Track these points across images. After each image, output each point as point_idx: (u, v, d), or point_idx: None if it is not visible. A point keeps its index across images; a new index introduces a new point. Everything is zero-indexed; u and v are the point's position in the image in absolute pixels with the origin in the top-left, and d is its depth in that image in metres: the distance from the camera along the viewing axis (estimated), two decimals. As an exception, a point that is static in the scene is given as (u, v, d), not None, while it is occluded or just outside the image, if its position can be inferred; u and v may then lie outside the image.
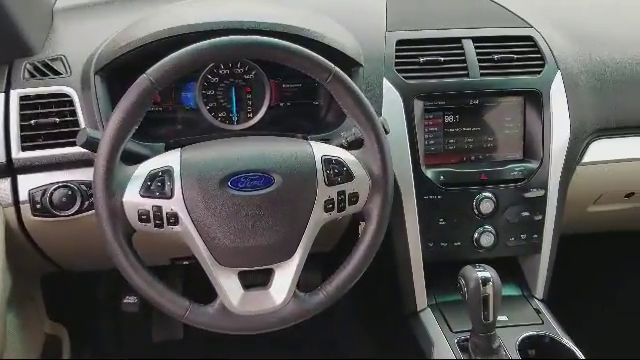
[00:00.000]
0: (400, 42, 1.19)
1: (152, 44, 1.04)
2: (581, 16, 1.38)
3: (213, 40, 0.86)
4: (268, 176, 0.88)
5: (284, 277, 0.91)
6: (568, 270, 1.33)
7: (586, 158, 1.25)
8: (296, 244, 0.90)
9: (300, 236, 0.90)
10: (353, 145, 0.99)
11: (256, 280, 0.91)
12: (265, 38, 0.88)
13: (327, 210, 0.91)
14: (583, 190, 1.28)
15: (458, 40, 1.21)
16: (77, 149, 0.98)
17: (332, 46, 1.08)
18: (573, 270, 1.48)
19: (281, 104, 1.19)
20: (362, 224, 0.98)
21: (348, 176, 0.91)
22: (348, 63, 1.11)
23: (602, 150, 1.26)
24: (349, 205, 0.92)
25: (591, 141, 1.26)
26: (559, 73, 1.21)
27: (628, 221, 1.48)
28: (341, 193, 0.91)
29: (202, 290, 0.93)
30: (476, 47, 1.20)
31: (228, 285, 0.89)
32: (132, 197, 0.86)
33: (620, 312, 1.81)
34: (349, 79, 0.91)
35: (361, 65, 1.13)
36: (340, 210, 0.92)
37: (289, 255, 0.90)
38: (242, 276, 0.90)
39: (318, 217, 0.90)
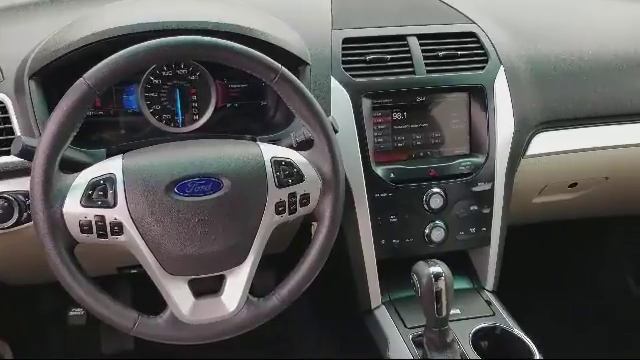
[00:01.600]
0: (346, 40, 1.19)
1: (91, 46, 0.99)
2: (522, 12, 1.42)
3: (153, 41, 0.83)
4: (216, 180, 0.86)
5: (236, 283, 0.89)
6: (516, 260, 1.36)
7: (530, 151, 1.28)
8: (247, 249, 0.88)
9: (251, 240, 0.88)
10: (303, 145, 0.98)
11: (207, 288, 0.89)
12: (207, 38, 0.85)
13: (278, 213, 0.89)
14: (528, 182, 1.32)
15: (403, 38, 1.21)
16: (12, 158, 0.93)
17: (278, 45, 1.07)
18: (521, 260, 1.52)
19: (228, 105, 1.17)
20: (314, 224, 0.97)
21: (299, 177, 0.90)
22: (294, 62, 1.09)
23: (545, 142, 1.30)
24: (300, 207, 0.91)
25: (534, 134, 1.29)
26: (502, 68, 1.23)
27: (572, 210, 1.53)
28: (292, 195, 0.90)
29: (152, 299, 0.90)
30: (421, 44, 1.21)
31: (178, 294, 0.86)
32: (73, 207, 0.82)
33: (567, 299, 1.88)
34: (296, 78, 0.90)
35: (308, 64, 1.12)
36: (291, 212, 0.91)
37: (241, 260, 0.88)
38: (192, 284, 0.88)
39: (269, 220, 0.89)
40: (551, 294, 1.87)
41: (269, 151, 0.91)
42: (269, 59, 0.88)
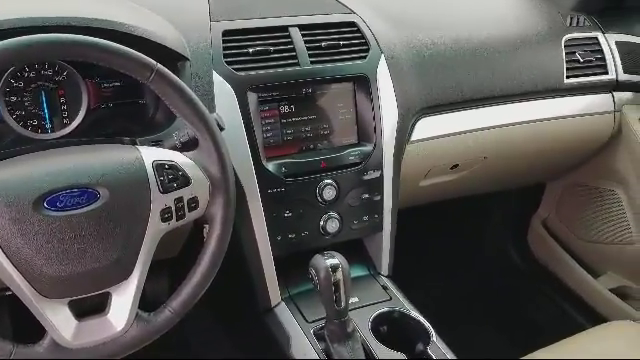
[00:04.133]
0: (226, 33, 1.14)
1: None
2: (399, 1, 1.45)
3: (9, 41, 0.74)
4: (92, 190, 0.78)
5: (123, 299, 0.82)
6: (408, 243, 1.41)
7: (414, 136, 1.32)
8: (133, 262, 0.82)
9: (137, 252, 0.82)
10: (187, 145, 0.92)
11: (91, 307, 0.82)
12: (71, 36, 0.77)
13: (165, 220, 0.84)
14: (414, 167, 1.35)
15: (285, 29, 1.19)
16: None
17: (152, 40, 1.00)
18: (412, 242, 1.57)
19: (102, 106, 1.08)
20: (206, 227, 0.93)
21: (184, 181, 0.85)
22: (172, 58, 1.03)
23: (427, 127, 1.34)
24: (189, 211, 0.86)
25: (417, 120, 1.33)
26: (383, 57, 1.25)
27: (455, 190, 1.61)
28: (179, 200, 0.85)
29: (37, 322, 0.81)
30: (303, 35, 1.20)
31: (57, 318, 0.79)
32: None
33: (458, 276, 1.98)
34: (174, 76, 0.85)
35: (187, 59, 1.06)
36: (179, 218, 0.85)
37: (126, 275, 0.82)
38: (73, 305, 0.80)
39: (155, 229, 0.83)
40: (443, 273, 1.96)
41: (150, 154, 0.85)
42: (143, 56, 0.82)
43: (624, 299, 1.63)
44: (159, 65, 0.83)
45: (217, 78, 1.10)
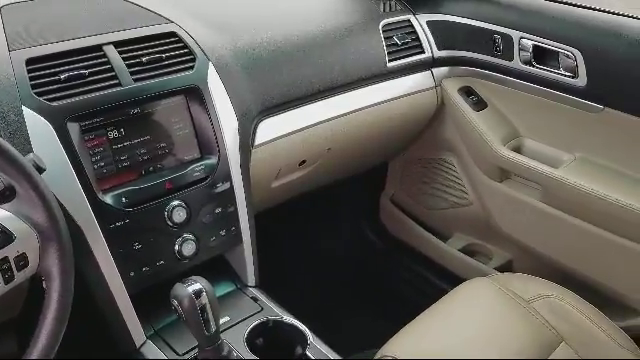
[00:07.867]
0: (30, 61, 1.03)
1: None
2: (219, 6, 1.41)
3: None
4: None
5: None
6: (270, 248, 1.39)
7: (258, 140, 1.30)
8: None
9: None
10: (4, 196, 0.81)
11: None
12: None
13: None
14: (263, 170, 1.34)
15: (98, 48, 1.10)
16: None
17: None
18: (275, 246, 1.56)
19: None
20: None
21: (6, 238, 0.75)
22: None
23: (269, 129, 1.33)
24: (18, 271, 0.76)
25: (258, 123, 1.31)
26: (211, 65, 1.21)
27: (307, 185, 1.62)
28: (3, 261, 0.74)
29: None
30: (120, 52, 1.12)
31: None
32: None
33: (325, 270, 2.02)
34: None
35: (-15, 97, 0.93)
36: (8, 281, 0.75)
37: None
38: None
39: None
40: (309, 269, 1.98)
41: None
42: None
43: (472, 256, 1.78)
44: None
45: (28, 113, 0.98)
